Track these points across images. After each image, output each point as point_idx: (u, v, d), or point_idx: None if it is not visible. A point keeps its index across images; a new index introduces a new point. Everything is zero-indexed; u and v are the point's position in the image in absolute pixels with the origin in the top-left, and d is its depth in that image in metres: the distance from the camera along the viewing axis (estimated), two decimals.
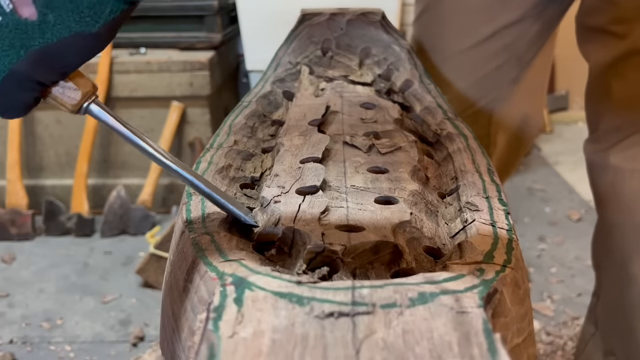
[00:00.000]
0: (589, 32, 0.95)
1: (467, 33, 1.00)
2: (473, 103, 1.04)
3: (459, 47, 1.01)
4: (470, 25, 1.00)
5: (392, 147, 0.62)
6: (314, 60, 0.90)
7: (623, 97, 0.91)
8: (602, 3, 0.90)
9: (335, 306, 0.33)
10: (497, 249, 0.44)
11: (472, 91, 1.03)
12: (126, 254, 1.94)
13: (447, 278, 0.37)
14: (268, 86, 0.82)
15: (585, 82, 0.98)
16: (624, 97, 0.91)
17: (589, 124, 1.00)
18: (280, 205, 0.50)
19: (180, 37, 2.22)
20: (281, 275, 0.37)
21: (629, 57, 0.89)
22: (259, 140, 0.70)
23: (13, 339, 1.55)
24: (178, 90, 2.10)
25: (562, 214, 2.16)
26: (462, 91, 1.03)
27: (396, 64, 0.89)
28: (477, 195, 0.54)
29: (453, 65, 1.03)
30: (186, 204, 0.52)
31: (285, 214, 0.48)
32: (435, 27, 1.05)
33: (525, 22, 0.98)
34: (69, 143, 2.16)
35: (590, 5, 0.93)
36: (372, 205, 0.51)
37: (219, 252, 0.43)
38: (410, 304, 0.33)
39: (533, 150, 2.76)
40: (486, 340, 0.31)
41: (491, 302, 0.37)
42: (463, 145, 0.65)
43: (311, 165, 0.57)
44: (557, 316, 1.59)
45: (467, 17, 1.00)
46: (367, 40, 0.95)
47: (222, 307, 0.34)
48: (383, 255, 0.44)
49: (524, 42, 1.00)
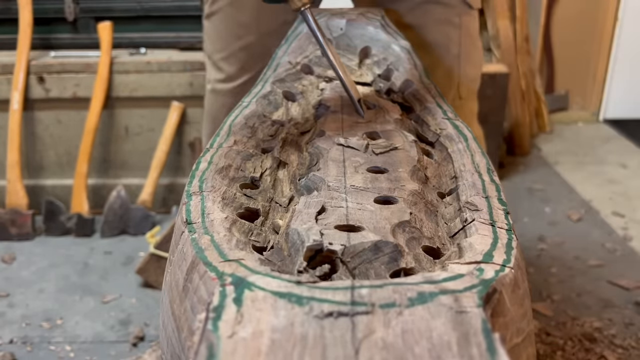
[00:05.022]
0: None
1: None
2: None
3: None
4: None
5: (387, 148, 0.62)
6: (314, 61, 0.90)
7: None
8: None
9: (335, 306, 0.33)
10: (496, 248, 0.44)
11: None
12: (126, 254, 1.94)
13: (446, 278, 0.37)
14: (268, 86, 0.82)
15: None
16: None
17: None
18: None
19: (180, 37, 2.23)
20: (280, 275, 0.37)
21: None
22: (259, 140, 0.70)
23: (13, 339, 1.55)
24: (178, 90, 2.10)
25: (562, 214, 2.16)
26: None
27: (396, 64, 0.89)
28: (477, 195, 0.54)
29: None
30: (186, 204, 0.52)
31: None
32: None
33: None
34: (69, 143, 2.16)
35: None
36: (371, 205, 0.51)
37: (218, 252, 0.43)
38: (410, 303, 0.33)
39: (533, 150, 2.76)
40: (485, 340, 0.31)
41: (490, 302, 0.37)
42: (463, 145, 0.65)
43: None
44: (557, 316, 1.59)
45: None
46: (367, 40, 0.95)
47: (221, 307, 0.34)
48: (382, 255, 0.44)
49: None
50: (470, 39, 1.13)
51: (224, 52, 1.17)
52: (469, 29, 1.12)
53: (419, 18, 1.08)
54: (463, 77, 1.13)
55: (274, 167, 0.64)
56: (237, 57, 1.16)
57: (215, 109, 1.24)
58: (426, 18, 1.08)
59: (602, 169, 2.55)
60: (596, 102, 3.05)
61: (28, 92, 2.09)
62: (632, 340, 1.49)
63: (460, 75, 1.12)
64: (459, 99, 1.15)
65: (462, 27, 1.10)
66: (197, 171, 0.59)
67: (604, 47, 2.96)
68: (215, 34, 1.19)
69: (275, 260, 0.47)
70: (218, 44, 1.18)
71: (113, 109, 2.13)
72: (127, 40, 2.22)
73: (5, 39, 2.21)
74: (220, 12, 1.15)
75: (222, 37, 1.17)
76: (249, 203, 0.55)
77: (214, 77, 1.22)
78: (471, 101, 1.20)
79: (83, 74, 2.09)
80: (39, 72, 2.08)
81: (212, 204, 0.52)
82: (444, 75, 1.11)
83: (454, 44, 1.10)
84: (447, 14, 1.09)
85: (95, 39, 2.15)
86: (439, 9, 1.08)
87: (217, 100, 1.23)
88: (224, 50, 1.17)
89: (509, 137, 2.72)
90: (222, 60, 1.18)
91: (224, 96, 1.20)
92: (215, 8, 1.16)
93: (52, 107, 2.13)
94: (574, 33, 2.97)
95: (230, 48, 1.16)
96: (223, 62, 1.18)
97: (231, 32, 1.15)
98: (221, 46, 1.17)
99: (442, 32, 1.09)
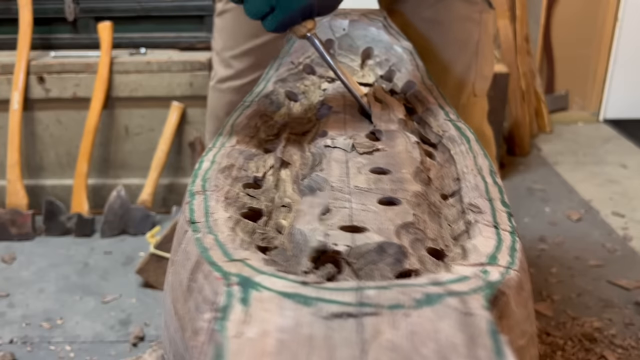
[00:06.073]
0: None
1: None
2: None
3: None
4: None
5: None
6: (316, 61, 0.90)
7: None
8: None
9: (342, 307, 0.33)
10: (500, 250, 0.44)
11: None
12: (126, 254, 1.94)
13: (452, 279, 0.37)
14: (270, 86, 0.82)
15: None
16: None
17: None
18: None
19: (180, 37, 2.22)
20: (287, 276, 0.37)
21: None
22: (262, 140, 0.70)
23: (13, 339, 1.55)
24: (178, 90, 2.10)
25: (562, 214, 2.16)
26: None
27: (398, 65, 0.89)
28: (480, 197, 0.54)
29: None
30: (189, 203, 0.52)
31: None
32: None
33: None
34: (69, 143, 2.16)
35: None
36: (375, 206, 0.51)
37: (223, 251, 0.43)
38: (417, 305, 0.33)
39: (533, 150, 2.77)
40: (492, 342, 0.31)
41: (497, 304, 0.37)
42: (465, 147, 0.65)
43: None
44: (557, 316, 1.59)
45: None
46: (369, 41, 0.95)
47: (227, 307, 0.34)
48: (387, 256, 0.44)
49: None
50: (488, 37, 1.13)
51: (236, 49, 1.17)
52: (488, 27, 1.12)
53: (441, 13, 1.08)
54: (479, 75, 1.14)
55: (276, 167, 0.64)
56: (248, 56, 1.16)
57: (220, 107, 1.24)
58: (448, 14, 1.08)
59: (602, 169, 2.55)
60: (596, 102, 3.05)
61: (28, 92, 2.08)
62: (632, 340, 1.49)
63: (477, 72, 1.13)
64: (473, 96, 1.15)
65: (482, 24, 1.11)
66: (200, 170, 0.58)
67: (604, 47, 2.96)
68: (227, 31, 1.19)
69: (280, 261, 0.47)
70: (230, 41, 1.18)
71: (113, 109, 2.13)
72: (127, 40, 2.22)
73: (5, 39, 2.21)
74: (234, 10, 1.15)
75: (234, 34, 1.17)
76: (252, 203, 0.55)
77: (222, 74, 1.22)
78: (483, 99, 1.21)
79: (83, 74, 2.08)
80: (39, 72, 2.08)
81: (215, 203, 0.52)
82: (462, 71, 1.11)
83: (473, 40, 1.10)
84: (469, 10, 1.09)
85: (95, 39, 2.15)
86: (462, 5, 1.08)
87: (222, 97, 1.23)
88: (236, 47, 1.17)
89: (509, 137, 2.72)
90: (232, 57, 1.18)
91: (231, 93, 1.21)
92: (229, 6, 1.16)
93: (52, 107, 2.13)
94: (574, 33, 2.97)
95: (242, 46, 1.16)
96: (233, 59, 1.18)
97: (244, 30, 1.15)
98: (233, 43, 1.17)
99: (463, 28, 1.09)
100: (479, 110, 1.19)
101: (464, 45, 1.10)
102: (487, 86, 1.20)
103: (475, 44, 1.11)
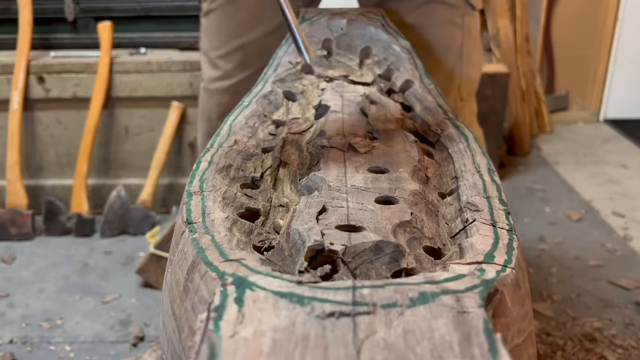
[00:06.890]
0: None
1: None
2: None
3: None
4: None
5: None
6: (314, 60, 0.90)
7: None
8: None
9: (336, 306, 0.33)
10: (497, 249, 0.44)
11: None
12: (126, 254, 1.94)
13: (447, 278, 0.37)
14: (268, 86, 0.82)
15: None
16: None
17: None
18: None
19: (180, 37, 2.23)
20: (282, 275, 0.37)
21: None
22: (260, 140, 0.70)
23: (13, 339, 1.55)
24: (178, 90, 2.10)
25: (562, 214, 2.16)
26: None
27: (396, 64, 0.89)
28: (478, 195, 0.54)
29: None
30: (186, 203, 0.52)
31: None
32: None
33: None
34: (69, 143, 2.16)
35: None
36: (372, 205, 0.51)
37: (219, 252, 0.43)
38: (411, 303, 0.33)
39: (533, 150, 2.77)
40: (487, 340, 0.30)
41: (492, 302, 0.37)
42: (463, 145, 0.65)
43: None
44: (557, 316, 1.59)
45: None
46: (368, 40, 0.94)
47: (222, 306, 0.34)
48: (384, 255, 0.44)
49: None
50: (472, 40, 1.12)
51: (222, 49, 1.17)
52: (471, 30, 1.12)
53: (422, 18, 1.07)
54: (464, 79, 1.13)
55: (274, 167, 0.64)
56: (234, 55, 1.16)
57: (210, 108, 1.24)
58: (429, 18, 1.07)
59: (602, 169, 2.55)
60: (596, 102, 3.05)
61: (28, 92, 2.09)
62: (632, 340, 1.49)
63: (461, 76, 1.12)
64: (460, 101, 1.14)
65: (465, 27, 1.10)
66: (198, 171, 0.58)
67: (604, 47, 2.96)
68: (213, 31, 1.19)
69: (276, 260, 0.47)
70: (216, 41, 1.18)
71: (113, 109, 2.13)
72: (127, 40, 2.22)
73: (5, 39, 2.21)
74: (219, 10, 1.15)
75: (220, 34, 1.17)
76: (250, 203, 0.55)
77: (210, 75, 1.22)
78: (471, 102, 1.20)
79: (83, 74, 2.09)
80: (39, 72, 2.08)
81: (212, 203, 0.52)
82: (446, 76, 1.10)
83: (456, 44, 1.10)
84: (450, 14, 1.08)
85: (95, 39, 2.15)
86: (443, 10, 1.07)
87: (212, 98, 1.23)
88: (222, 47, 1.17)
89: (509, 137, 2.72)
90: (219, 58, 1.18)
91: (219, 94, 1.20)
92: (214, 6, 1.16)
93: (52, 107, 2.13)
94: (574, 33, 2.97)
95: (228, 46, 1.16)
96: (220, 59, 1.18)
97: (230, 30, 1.15)
98: (219, 44, 1.17)
99: (445, 32, 1.09)
100: (467, 114, 1.19)
101: (447, 50, 1.10)
102: (474, 89, 1.19)
103: (458, 48, 1.10)
